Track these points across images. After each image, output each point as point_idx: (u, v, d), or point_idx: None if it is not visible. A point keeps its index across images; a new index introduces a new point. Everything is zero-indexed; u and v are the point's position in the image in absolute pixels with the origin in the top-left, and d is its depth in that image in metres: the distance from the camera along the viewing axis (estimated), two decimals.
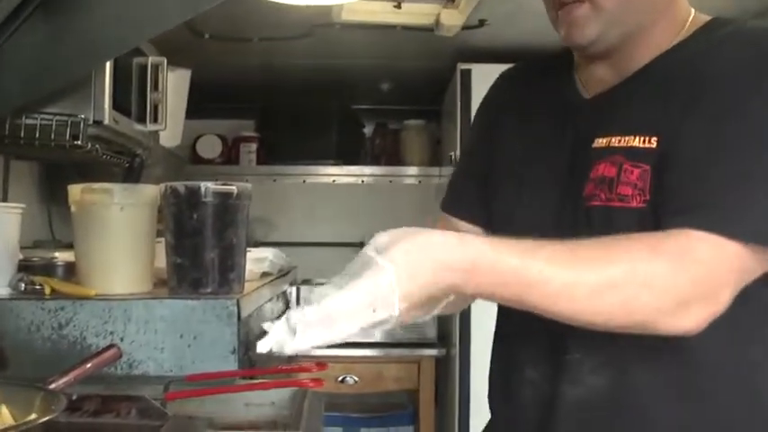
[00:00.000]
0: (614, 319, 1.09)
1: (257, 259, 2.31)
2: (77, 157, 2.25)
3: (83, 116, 2.02)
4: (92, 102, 2.05)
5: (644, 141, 1.20)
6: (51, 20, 1.72)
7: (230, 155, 4.35)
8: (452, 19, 2.94)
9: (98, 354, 1.30)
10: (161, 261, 1.89)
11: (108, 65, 2.07)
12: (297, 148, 4.22)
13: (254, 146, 4.31)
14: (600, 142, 1.26)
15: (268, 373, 1.69)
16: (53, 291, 1.82)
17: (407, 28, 3.03)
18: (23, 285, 1.82)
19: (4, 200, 2.53)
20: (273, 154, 4.31)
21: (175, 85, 2.91)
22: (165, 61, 2.40)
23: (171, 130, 2.78)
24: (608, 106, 1.29)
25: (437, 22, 2.98)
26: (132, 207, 1.82)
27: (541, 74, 1.48)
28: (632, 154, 1.20)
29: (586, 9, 1.23)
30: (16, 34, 1.70)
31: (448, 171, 3.30)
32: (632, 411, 1.24)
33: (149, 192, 1.87)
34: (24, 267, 1.94)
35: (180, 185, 1.79)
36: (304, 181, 4.33)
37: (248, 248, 1.94)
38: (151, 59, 2.36)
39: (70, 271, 1.98)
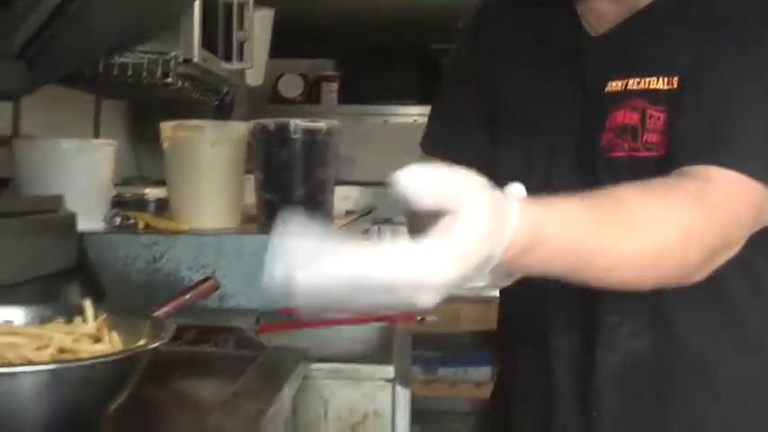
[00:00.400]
0: (646, 277, 0.96)
1: (343, 197, 2.33)
2: (167, 95, 2.28)
3: (173, 54, 2.04)
4: (181, 40, 2.07)
5: (666, 82, 1.10)
6: None
7: (311, 94, 4.36)
8: None
9: (196, 285, 1.33)
10: (248, 198, 1.92)
11: (196, 3, 2.09)
12: (378, 88, 4.22)
13: (334, 85, 4.31)
14: (614, 86, 1.14)
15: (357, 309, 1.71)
16: (146, 225, 1.86)
17: None
18: (118, 220, 1.87)
19: (96, 137, 2.59)
20: (354, 93, 4.31)
21: (259, 24, 2.92)
22: (251, 0, 2.42)
23: (254, 69, 2.79)
24: (620, 45, 1.16)
25: None
26: (223, 144, 1.85)
27: (535, 7, 1.29)
28: (654, 97, 1.11)
29: None
30: None
31: None
32: (680, 372, 1.17)
33: (239, 129, 1.89)
34: (117, 203, 1.98)
35: (269, 122, 1.81)
36: (385, 121, 4.33)
37: None
38: None
39: (162, 206, 2.03)
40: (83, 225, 1.82)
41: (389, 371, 1.35)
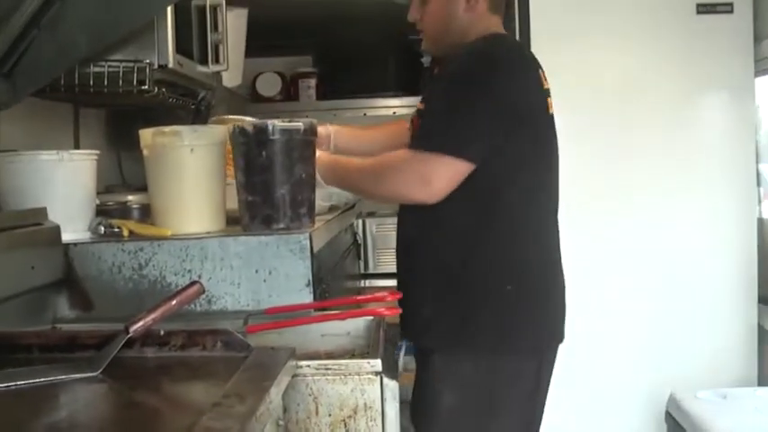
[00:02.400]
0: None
1: (323, 194, 2.34)
2: (144, 101, 2.29)
3: (148, 61, 2.05)
4: (156, 46, 2.08)
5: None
6: None
7: (290, 91, 4.37)
8: None
9: (182, 290, 1.34)
10: (232, 202, 1.93)
11: (169, 9, 2.09)
12: (356, 82, 4.23)
13: (312, 81, 4.33)
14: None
15: (342, 305, 1.74)
16: (131, 233, 1.88)
17: None
18: (103, 229, 1.89)
19: (76, 147, 2.60)
20: (332, 88, 4.32)
21: (233, 24, 2.93)
22: (224, 2, 2.42)
23: (231, 70, 2.80)
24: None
25: None
26: (202, 148, 1.86)
27: None
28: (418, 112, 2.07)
29: None
30: None
31: None
32: None
33: (218, 132, 1.90)
34: (101, 212, 2.00)
35: (248, 125, 1.82)
36: (364, 114, 4.34)
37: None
38: (209, 1, 2.37)
39: (145, 213, 2.04)
40: (67, 236, 1.83)
41: (377, 364, 1.37)
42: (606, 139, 3.42)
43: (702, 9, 3.32)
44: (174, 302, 1.30)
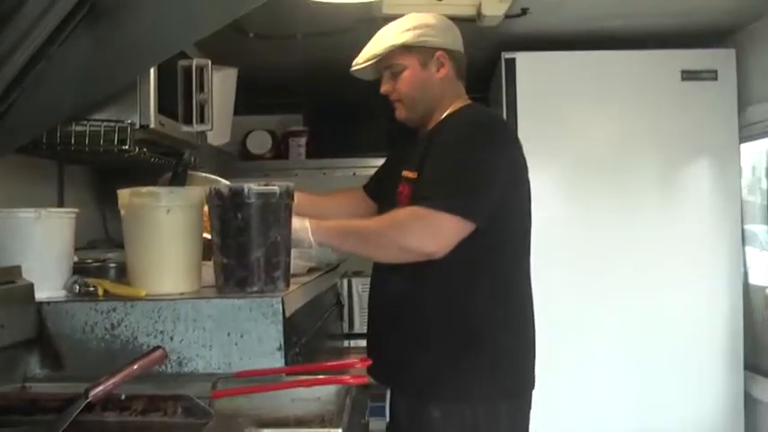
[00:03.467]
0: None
1: (303, 255, 2.35)
2: (126, 160, 2.30)
3: (129, 121, 2.07)
4: (138, 107, 2.09)
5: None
6: (97, 29, 1.76)
7: (280, 149, 4.40)
8: (494, 9, 2.95)
9: (144, 355, 1.34)
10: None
11: (152, 70, 2.11)
12: (346, 141, 4.26)
13: (302, 140, 4.36)
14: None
15: (314, 370, 1.73)
16: (106, 292, 1.87)
17: (449, 18, 3.03)
18: (78, 288, 1.88)
19: (60, 203, 2.61)
20: (322, 147, 4.35)
21: (222, 83, 2.96)
22: (210, 63, 2.44)
23: (219, 128, 2.82)
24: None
25: (478, 12, 2.98)
26: (178, 209, 1.87)
27: None
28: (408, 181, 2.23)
29: None
30: (65, 44, 1.76)
31: None
32: None
33: (195, 194, 1.91)
34: (79, 270, 2.00)
35: (224, 187, 1.83)
36: (354, 173, 4.35)
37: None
38: (195, 61, 2.39)
39: (122, 272, 2.04)
40: (42, 294, 1.83)
41: None
42: (593, 205, 3.45)
43: (687, 76, 3.37)
44: (135, 367, 1.30)
